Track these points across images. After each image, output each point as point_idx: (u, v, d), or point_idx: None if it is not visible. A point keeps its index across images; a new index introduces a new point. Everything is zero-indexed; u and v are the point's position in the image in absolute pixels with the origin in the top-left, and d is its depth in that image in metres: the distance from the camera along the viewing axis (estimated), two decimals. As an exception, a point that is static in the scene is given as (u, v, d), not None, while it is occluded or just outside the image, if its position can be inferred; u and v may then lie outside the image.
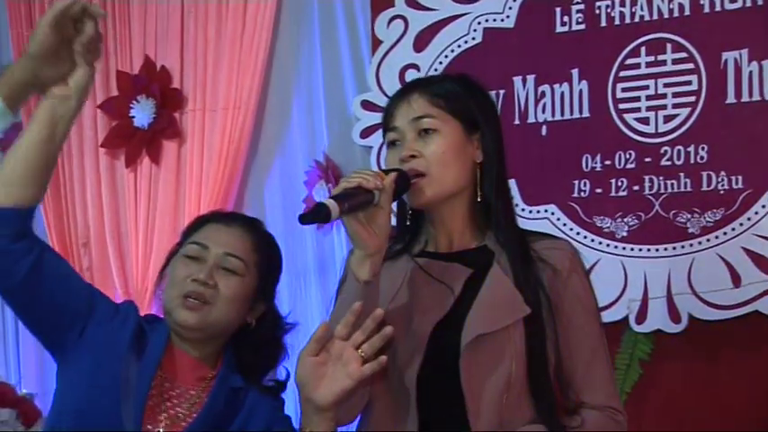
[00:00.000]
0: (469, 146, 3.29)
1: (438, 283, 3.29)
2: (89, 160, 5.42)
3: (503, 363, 3.20)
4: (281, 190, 5.17)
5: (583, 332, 3.29)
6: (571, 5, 4.65)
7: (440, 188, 3.23)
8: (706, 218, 4.39)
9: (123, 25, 5.41)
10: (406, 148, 3.22)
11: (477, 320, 3.20)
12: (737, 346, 4.31)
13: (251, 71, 5.14)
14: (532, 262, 3.28)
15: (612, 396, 3.30)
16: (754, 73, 4.36)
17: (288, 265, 4.82)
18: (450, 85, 3.37)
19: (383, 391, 3.31)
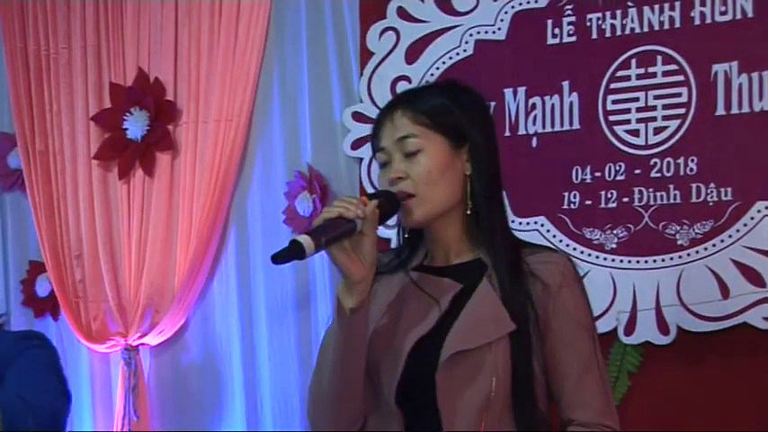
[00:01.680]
0: (458, 160, 3.26)
1: (427, 298, 3.27)
2: (82, 172, 5.41)
3: (482, 380, 3.18)
4: (261, 202, 5.18)
5: (572, 349, 3.25)
6: (562, 18, 4.65)
7: (429, 207, 3.23)
8: (695, 230, 4.37)
9: (117, 37, 5.41)
10: (393, 171, 3.21)
11: (458, 337, 3.18)
12: (726, 358, 4.30)
13: (243, 84, 5.14)
14: (523, 276, 3.25)
15: (604, 413, 3.25)
16: (743, 85, 4.36)
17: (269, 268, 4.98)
18: (435, 98, 3.32)
19: (372, 409, 3.32)
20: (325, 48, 5.05)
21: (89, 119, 5.41)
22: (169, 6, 5.32)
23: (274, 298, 5.12)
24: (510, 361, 3.18)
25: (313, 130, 5.06)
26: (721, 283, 4.30)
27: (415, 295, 3.28)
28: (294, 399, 4.99)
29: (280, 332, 5.11)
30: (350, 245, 3.04)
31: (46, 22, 5.53)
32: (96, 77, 5.41)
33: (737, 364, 4.28)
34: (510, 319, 3.17)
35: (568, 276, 3.28)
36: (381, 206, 3.10)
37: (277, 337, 5.11)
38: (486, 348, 3.17)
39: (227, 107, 5.16)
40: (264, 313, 5.14)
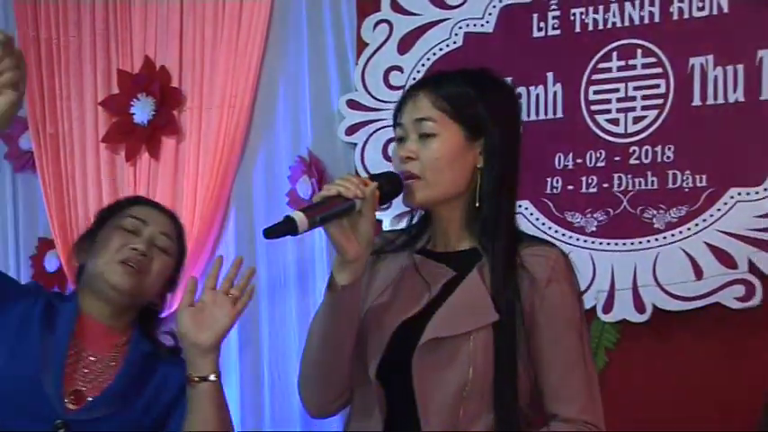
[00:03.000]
0: (470, 152, 3.21)
1: (421, 281, 3.24)
2: (90, 154, 5.44)
3: (458, 368, 3.15)
4: (265, 184, 5.17)
5: (558, 345, 3.20)
6: (547, 12, 4.68)
7: (431, 192, 3.19)
8: (671, 214, 4.41)
9: (124, 26, 5.42)
10: (406, 149, 3.19)
11: (438, 324, 3.16)
12: (699, 336, 4.34)
13: (245, 72, 5.16)
14: (514, 269, 3.20)
15: (587, 409, 3.17)
16: (718, 77, 4.39)
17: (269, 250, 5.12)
18: (461, 87, 3.26)
19: (358, 382, 3.30)
20: (324, 38, 5.08)
21: (97, 104, 5.43)
22: None
23: (275, 276, 5.15)
24: (492, 352, 3.13)
25: (313, 117, 5.08)
26: (695, 265, 4.32)
27: (411, 277, 3.26)
28: (293, 372, 4.90)
29: (281, 308, 5.14)
30: (348, 223, 3.03)
31: (57, 12, 5.54)
32: (105, 65, 5.43)
33: (710, 342, 4.31)
34: (494, 310, 3.13)
35: (558, 271, 3.21)
36: (382, 188, 3.08)
37: (279, 313, 5.15)
38: (465, 337, 3.13)
39: (230, 94, 5.19)
40: (266, 290, 5.15)
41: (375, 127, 4.86)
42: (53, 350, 3.51)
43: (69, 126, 5.50)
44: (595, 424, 3.15)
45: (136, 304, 3.64)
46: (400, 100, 3.32)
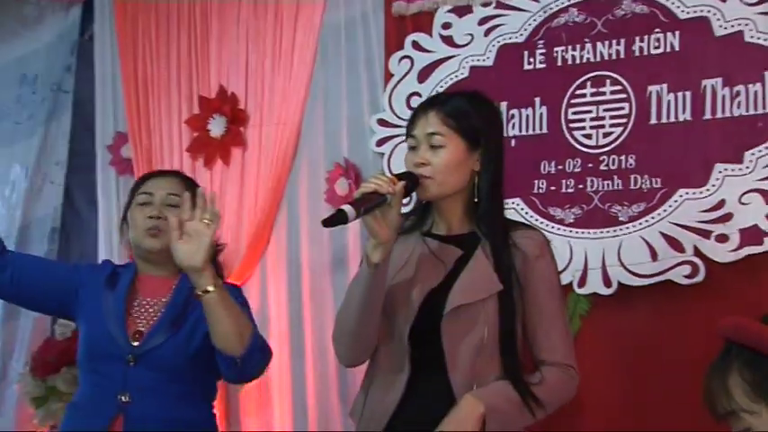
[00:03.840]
0: (470, 159, 3.30)
1: (436, 259, 3.32)
2: (176, 162, 5.41)
3: (477, 328, 3.23)
4: (308, 185, 5.16)
5: (544, 307, 3.32)
6: (535, 49, 4.64)
7: (441, 189, 3.28)
8: (632, 209, 4.37)
9: (203, 61, 5.40)
10: (420, 156, 3.26)
11: (459, 293, 3.24)
12: (654, 306, 4.31)
13: (295, 96, 5.13)
14: (508, 248, 3.29)
15: (567, 356, 3.32)
16: (671, 101, 4.33)
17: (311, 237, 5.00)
18: (462, 104, 3.35)
19: (386, 342, 3.36)
20: (359, 70, 5.03)
21: (183, 122, 5.42)
22: (242, 38, 5.31)
23: (315, 258, 5.12)
24: (498, 316, 3.23)
25: (348, 132, 5.04)
26: (651, 250, 4.27)
27: (427, 256, 3.33)
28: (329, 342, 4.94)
29: (320, 287, 5.09)
30: (380, 213, 3.08)
31: (151, 48, 5.54)
32: (188, 91, 5.41)
33: (663, 311, 4.27)
34: (498, 281, 3.23)
35: (544, 249, 3.36)
36: (406, 185, 3.17)
37: (318, 291, 5.10)
38: (481, 304, 3.22)
39: (284, 114, 5.16)
40: (308, 272, 5.13)
41: (399, 140, 4.81)
42: (114, 304, 3.60)
43: (160, 139, 5.51)
44: (573, 366, 3.30)
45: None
46: (412, 116, 3.39)
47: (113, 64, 5.59)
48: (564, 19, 4.59)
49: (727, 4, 4.22)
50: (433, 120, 3.29)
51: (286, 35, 5.17)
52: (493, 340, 3.24)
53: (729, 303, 4.04)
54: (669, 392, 4.14)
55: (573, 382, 3.31)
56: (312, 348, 5.07)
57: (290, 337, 5.13)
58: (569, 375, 3.30)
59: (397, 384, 3.27)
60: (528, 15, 4.66)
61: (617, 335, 4.19)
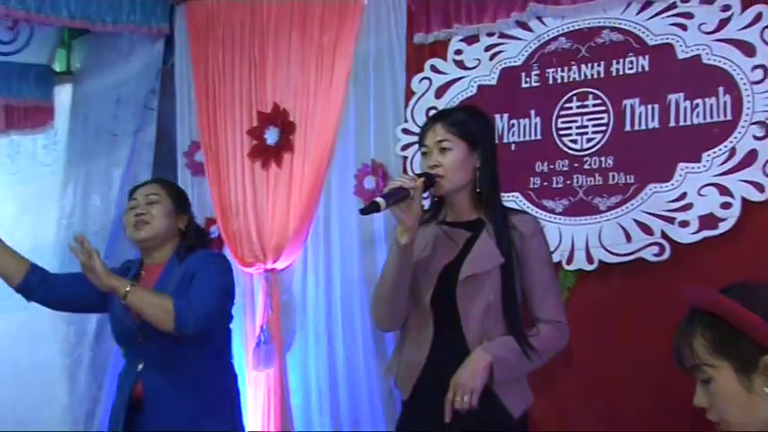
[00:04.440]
0: (472, 158, 3.42)
1: (450, 240, 3.43)
2: (239, 165, 5.40)
3: (484, 294, 3.35)
4: (339, 182, 5.16)
5: (539, 275, 3.43)
6: (531, 71, 4.60)
7: (451, 184, 3.40)
8: (611, 201, 4.35)
9: (261, 84, 5.35)
10: (432, 160, 3.40)
11: (469, 266, 3.36)
12: (628, 279, 4.30)
13: (333, 111, 5.10)
14: (508, 230, 3.39)
15: (558, 314, 3.45)
16: (642, 113, 4.31)
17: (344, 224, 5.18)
18: (461, 116, 3.50)
19: (414, 309, 3.45)
20: (385, 89, 5.00)
21: (244, 132, 5.40)
22: (292, 64, 5.25)
23: (346, 243, 5.13)
24: (501, 284, 3.35)
25: (375, 139, 5.03)
26: (626, 233, 4.26)
27: (442, 239, 3.44)
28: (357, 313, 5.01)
29: (350, 266, 5.08)
30: (405, 204, 3.20)
31: (215, 71, 5.54)
32: (249, 108, 5.38)
33: (636, 284, 4.27)
34: (500, 256, 3.34)
35: (536, 229, 3.48)
36: (425, 182, 3.30)
37: (348, 270, 5.10)
38: (486, 274, 3.34)
39: (323, 125, 5.14)
40: (338, 253, 5.14)
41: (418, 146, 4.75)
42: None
43: (226, 147, 5.48)
44: (563, 322, 3.44)
45: (165, 240, 3.80)
46: (423, 129, 3.55)
47: (189, 86, 5.58)
48: (554, 46, 4.57)
49: (688, 32, 4.21)
50: (439, 130, 3.42)
51: (326, 61, 5.13)
52: (497, 303, 3.35)
53: (690, 277, 4.00)
54: (641, 349, 4.15)
55: (563, 334, 3.44)
56: (342, 314, 5.08)
57: (326, 304, 5.13)
58: (560, 329, 3.42)
59: (424, 342, 3.39)
60: (525, 43, 4.64)
61: (598, 303, 4.17)
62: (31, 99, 5.69)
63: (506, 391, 3.31)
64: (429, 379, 3.35)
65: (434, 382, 3.30)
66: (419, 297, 3.41)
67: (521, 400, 3.38)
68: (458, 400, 3.19)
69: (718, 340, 2.14)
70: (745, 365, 2.11)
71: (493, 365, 3.23)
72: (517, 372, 3.34)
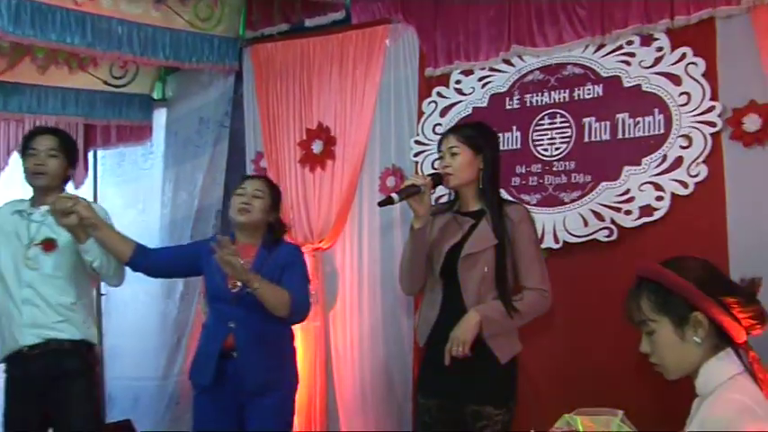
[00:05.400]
0: (476, 161, 3.40)
1: (458, 225, 3.42)
2: (293, 169, 5.34)
3: (480, 267, 3.34)
4: (369, 181, 5.11)
5: (525, 252, 3.39)
6: (513, 96, 4.59)
7: (458, 182, 3.41)
8: (572, 195, 4.35)
9: (308, 107, 5.32)
10: (445, 162, 3.41)
11: (468, 246, 3.36)
12: (585, 255, 4.29)
13: (363, 127, 5.10)
14: (502, 218, 3.37)
15: (541, 283, 3.40)
16: (597, 128, 4.29)
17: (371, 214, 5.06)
18: (468, 129, 3.50)
19: (429, 278, 3.46)
20: (402, 110, 5.00)
21: (296, 144, 5.34)
22: (332, 91, 5.21)
23: (373, 228, 5.07)
24: (494, 260, 3.34)
25: (395, 148, 5.01)
26: (584, 220, 4.27)
27: (452, 224, 3.44)
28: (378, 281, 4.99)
29: (374, 246, 5.02)
30: (418, 198, 3.24)
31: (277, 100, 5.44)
32: (300, 125, 5.35)
33: (591, 258, 4.27)
34: (494, 238, 3.33)
35: (524, 217, 3.44)
36: (434, 180, 3.35)
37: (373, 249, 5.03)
38: (482, 252, 3.33)
39: (356, 137, 5.12)
40: (367, 235, 5.07)
41: (427, 153, 4.83)
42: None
43: (283, 155, 5.44)
44: (546, 289, 3.39)
45: (257, 227, 3.74)
46: (440, 140, 3.53)
47: (254, 109, 5.54)
48: (530, 77, 4.56)
49: (631, 67, 4.23)
50: (451, 139, 3.44)
51: (359, 89, 5.11)
52: (491, 275, 3.33)
53: (632, 254, 4.06)
54: (596, 307, 4.19)
55: (545, 299, 3.41)
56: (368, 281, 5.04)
57: (358, 274, 5.08)
58: (543, 295, 3.39)
59: (435, 304, 3.42)
60: (508, 75, 4.63)
61: (563, 274, 4.10)
62: (136, 120, 5.75)
63: (496, 342, 3.31)
64: (439, 331, 3.35)
65: (443, 334, 3.31)
66: (432, 269, 3.43)
67: (508, 349, 3.36)
68: (454, 349, 3.22)
69: (659, 301, 2.17)
70: (679, 320, 2.15)
71: (482, 323, 3.24)
72: (502, 328, 3.32)
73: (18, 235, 3.61)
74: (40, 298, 3.57)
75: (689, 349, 2.15)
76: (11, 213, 3.67)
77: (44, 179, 3.63)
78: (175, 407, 5.57)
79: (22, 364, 3.56)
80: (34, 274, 3.56)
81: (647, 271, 2.24)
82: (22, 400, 3.57)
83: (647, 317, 2.20)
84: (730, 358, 2.13)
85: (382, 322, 4.96)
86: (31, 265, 3.56)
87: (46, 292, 3.57)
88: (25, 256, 3.58)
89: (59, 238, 3.62)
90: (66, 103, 5.41)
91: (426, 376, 3.49)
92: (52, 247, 3.59)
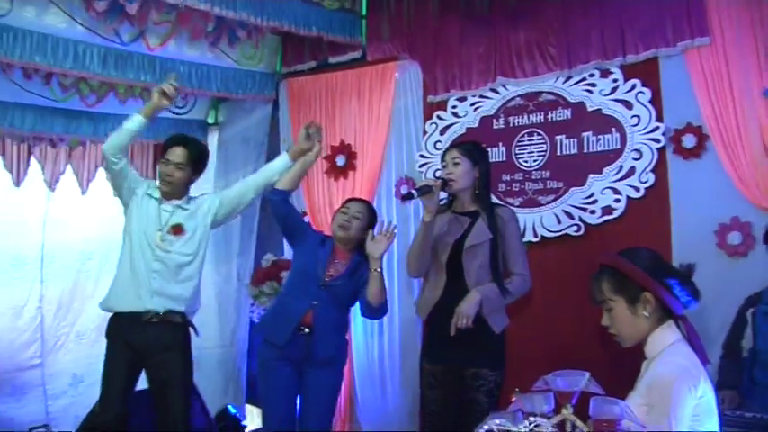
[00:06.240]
0: (473, 171, 3.38)
1: (458, 224, 3.39)
2: (320, 179, 5.35)
3: (479, 257, 3.31)
4: (386, 187, 5.11)
5: (512, 246, 3.39)
6: (499, 118, 4.61)
7: (459, 186, 3.38)
8: (547, 198, 4.38)
9: (332, 127, 5.29)
10: (448, 170, 3.38)
11: (470, 239, 3.32)
12: (560, 248, 4.32)
13: (380, 143, 5.11)
14: (494, 217, 3.36)
15: (525, 269, 3.39)
16: (567, 144, 4.34)
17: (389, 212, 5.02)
18: (469, 145, 3.50)
19: (434, 265, 3.42)
20: (410, 130, 5.01)
21: (322, 158, 5.18)
22: (352, 114, 5.23)
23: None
24: (489, 251, 3.32)
25: (408, 160, 5.00)
26: (558, 218, 4.30)
27: (454, 222, 3.39)
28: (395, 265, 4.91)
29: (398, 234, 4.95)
30: (429, 196, 3.23)
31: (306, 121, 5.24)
32: (325, 142, 5.04)
33: (563, 249, 4.30)
34: (490, 234, 3.31)
35: (512, 217, 3.43)
36: (442, 183, 3.32)
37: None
38: (480, 245, 3.31)
39: (373, 153, 5.12)
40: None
41: (429, 165, 4.85)
42: (322, 256, 3.61)
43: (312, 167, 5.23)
44: (527, 275, 3.38)
45: (351, 240, 3.64)
46: (443, 153, 3.48)
47: (288, 131, 5.48)
48: (513, 103, 4.58)
49: (593, 94, 4.28)
50: (454, 152, 3.41)
51: (374, 113, 5.13)
52: (487, 263, 3.32)
53: (596, 245, 4.10)
54: (566, 289, 4.19)
55: (527, 282, 3.39)
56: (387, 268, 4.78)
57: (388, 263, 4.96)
58: (525, 279, 3.39)
59: (439, 285, 3.37)
60: (495, 101, 4.65)
61: (541, 262, 4.11)
62: None
63: (491, 317, 3.32)
64: (441, 308, 3.34)
65: (445, 310, 3.30)
66: (438, 257, 3.39)
67: (501, 322, 3.38)
68: (460, 322, 3.22)
69: (616, 284, 2.21)
70: (632, 299, 2.19)
71: (482, 301, 3.26)
72: (497, 305, 3.34)
73: (150, 216, 3.61)
74: (168, 273, 3.57)
75: (640, 322, 2.18)
76: (146, 192, 3.66)
77: (170, 187, 3.66)
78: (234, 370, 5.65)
79: (140, 327, 3.51)
80: (163, 253, 3.57)
81: (607, 259, 2.27)
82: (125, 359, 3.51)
83: (607, 296, 2.22)
84: (671, 328, 2.18)
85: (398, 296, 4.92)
86: (163, 246, 3.56)
87: (171, 270, 3.58)
88: (160, 237, 3.58)
89: (186, 224, 3.65)
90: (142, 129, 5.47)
91: (431, 345, 3.44)
92: (181, 232, 3.61)
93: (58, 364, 5.14)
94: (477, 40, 4.68)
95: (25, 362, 4.96)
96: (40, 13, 4.09)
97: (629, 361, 2.32)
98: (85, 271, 5.20)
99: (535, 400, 1.75)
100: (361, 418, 5.03)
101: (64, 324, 5.21)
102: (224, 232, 5.74)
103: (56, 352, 5.16)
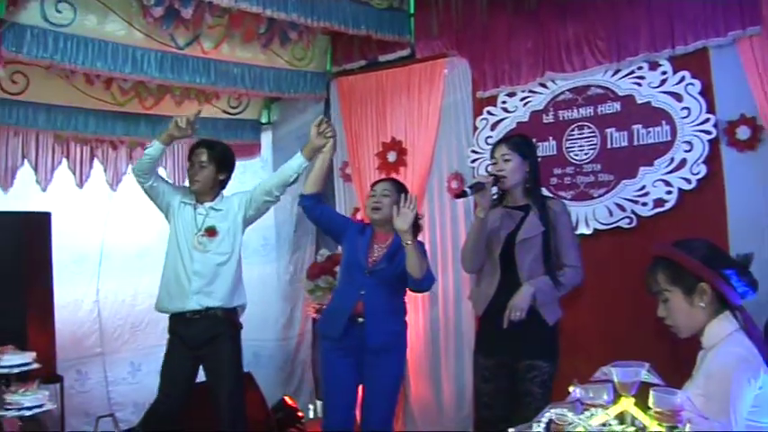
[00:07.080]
0: (523, 166, 3.39)
1: (510, 218, 3.40)
2: (372, 175, 5.23)
3: (533, 250, 3.32)
4: (437, 183, 5.13)
5: (565, 238, 3.38)
6: (549, 113, 4.63)
7: (511, 183, 3.39)
8: (600, 191, 4.40)
9: (383, 124, 5.34)
10: (498, 167, 3.39)
11: (523, 233, 3.34)
12: (612, 240, 4.33)
13: (429, 140, 5.13)
14: (546, 210, 3.37)
15: (577, 261, 3.39)
16: (618, 137, 4.35)
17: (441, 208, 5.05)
18: (516, 139, 3.49)
19: (488, 260, 3.42)
20: (460, 125, 5.04)
21: (374, 155, 5.38)
22: (403, 111, 5.25)
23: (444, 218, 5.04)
24: (542, 244, 3.32)
25: (459, 156, 5.04)
26: (609, 211, 4.32)
27: (506, 216, 3.41)
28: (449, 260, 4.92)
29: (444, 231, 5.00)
30: (482, 192, 3.26)
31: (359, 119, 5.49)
32: (376, 139, 5.38)
33: (615, 241, 4.31)
34: (541, 227, 3.32)
35: (563, 209, 3.44)
36: (494, 179, 3.34)
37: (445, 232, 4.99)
38: (533, 238, 3.32)
39: (424, 149, 5.14)
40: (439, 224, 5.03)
41: (482, 160, 4.87)
42: (363, 244, 3.64)
43: (364, 164, 5.48)
44: (580, 267, 3.37)
45: (389, 220, 3.54)
46: (492, 149, 3.51)
47: (340, 128, 5.46)
48: (563, 97, 4.61)
49: (643, 87, 4.29)
50: (503, 148, 3.42)
51: (423, 109, 5.14)
52: (539, 256, 3.33)
53: (648, 237, 4.06)
54: (620, 280, 4.18)
55: (580, 274, 3.40)
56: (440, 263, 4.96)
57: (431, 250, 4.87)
58: (578, 271, 3.39)
59: (494, 280, 3.39)
60: (544, 95, 4.68)
61: (594, 254, 4.10)
62: (248, 140, 5.76)
63: (545, 309, 3.33)
64: (496, 303, 3.35)
65: (498, 304, 3.32)
66: (492, 252, 3.41)
67: (554, 314, 3.38)
68: (513, 314, 3.25)
69: (671, 275, 2.20)
70: (688, 290, 2.18)
71: (535, 294, 3.28)
72: (550, 297, 3.34)
73: (187, 221, 3.76)
74: (206, 273, 3.70)
75: (696, 313, 2.16)
76: (181, 201, 3.82)
77: (197, 186, 3.80)
78: (290, 362, 5.69)
79: (185, 323, 3.70)
80: (200, 255, 3.71)
81: (661, 251, 2.25)
82: (180, 353, 3.70)
83: (663, 287, 2.21)
84: (729, 319, 2.16)
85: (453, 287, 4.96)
86: (200, 248, 3.71)
87: (209, 269, 3.71)
88: (196, 240, 3.72)
89: (219, 225, 3.77)
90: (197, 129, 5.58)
91: (485, 339, 3.47)
92: (214, 234, 3.74)
93: (117, 353, 5.32)
94: (526, 35, 4.71)
95: (87, 350, 5.15)
96: (101, 21, 4.24)
97: (685, 352, 2.31)
98: (140, 267, 5.33)
99: (595, 390, 1.73)
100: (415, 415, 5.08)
101: (119, 318, 5.37)
102: (280, 229, 5.87)
103: (114, 342, 5.33)
